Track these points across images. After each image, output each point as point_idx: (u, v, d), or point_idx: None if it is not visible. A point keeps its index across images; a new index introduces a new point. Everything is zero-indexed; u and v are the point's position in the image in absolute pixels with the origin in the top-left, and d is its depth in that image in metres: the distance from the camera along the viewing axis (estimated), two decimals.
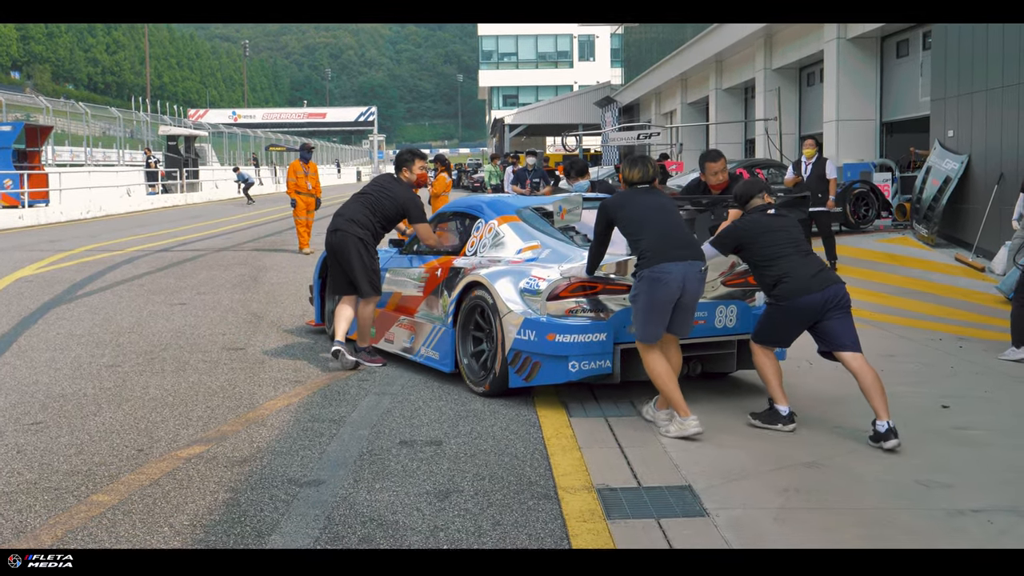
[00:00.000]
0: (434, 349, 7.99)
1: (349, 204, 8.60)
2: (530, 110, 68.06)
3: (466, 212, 8.69)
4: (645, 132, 37.32)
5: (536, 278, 7.04)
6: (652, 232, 6.35)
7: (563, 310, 6.89)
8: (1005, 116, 15.07)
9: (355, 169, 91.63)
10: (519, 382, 7.04)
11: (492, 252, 7.89)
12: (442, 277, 8.09)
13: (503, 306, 7.09)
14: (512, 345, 7.00)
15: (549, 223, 7.93)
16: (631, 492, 5.27)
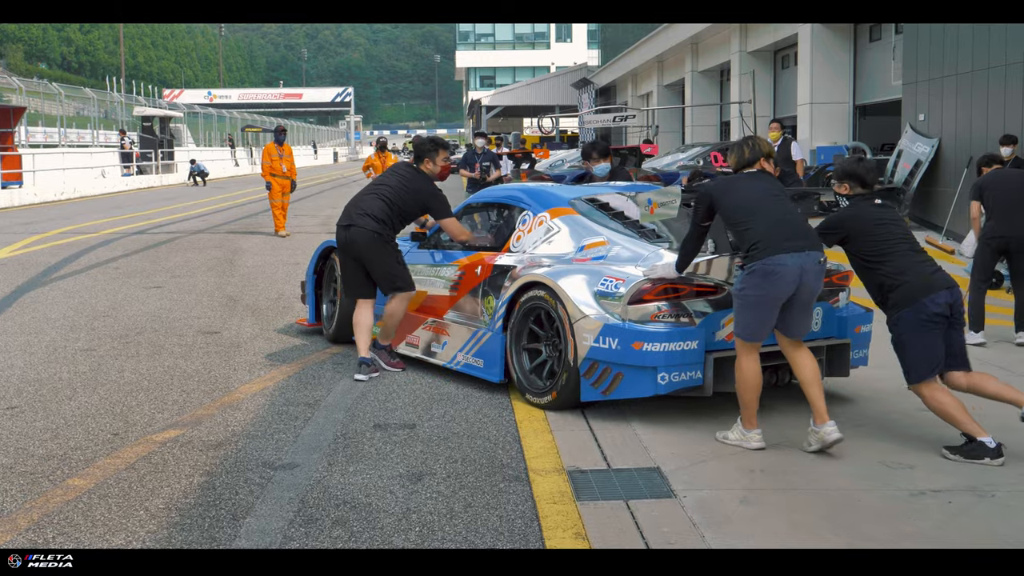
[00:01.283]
0: (476, 356, 7.22)
1: (364, 196, 7.79)
2: (507, 91, 68.04)
3: (503, 203, 7.90)
4: (622, 114, 37.39)
5: (613, 279, 6.29)
6: (764, 220, 5.70)
7: (648, 315, 6.13)
8: (974, 100, 15.23)
9: (332, 150, 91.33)
10: (595, 395, 6.31)
11: (546, 249, 7.09)
12: (483, 276, 7.31)
13: (574, 310, 6.33)
14: (587, 354, 6.25)
15: (607, 216, 7.17)
16: (601, 474, 5.37)
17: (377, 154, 19.29)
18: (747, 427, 5.79)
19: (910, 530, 4.57)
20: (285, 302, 11.23)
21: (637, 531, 4.55)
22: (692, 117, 35.47)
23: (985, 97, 14.95)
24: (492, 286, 7.19)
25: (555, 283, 6.50)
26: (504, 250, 7.43)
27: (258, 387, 7.31)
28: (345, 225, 7.66)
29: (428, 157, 7.80)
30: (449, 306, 7.64)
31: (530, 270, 6.85)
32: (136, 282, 12.86)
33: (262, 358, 8.31)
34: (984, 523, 4.64)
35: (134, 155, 42.83)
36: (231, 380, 7.55)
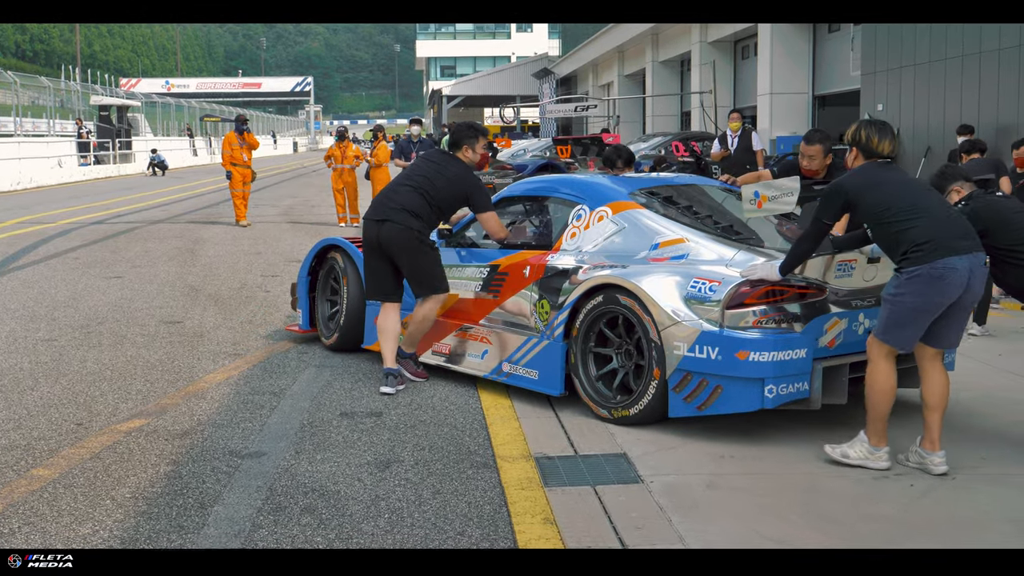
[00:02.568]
0: (529, 367, 6.52)
1: (397, 188, 7.00)
2: (468, 81, 67.96)
3: (545, 197, 7.15)
4: (583, 104, 37.47)
5: (706, 280, 5.65)
6: (930, 218, 5.07)
7: (749, 321, 5.52)
8: (932, 91, 15.41)
9: (292, 140, 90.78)
10: (687, 410, 5.68)
11: (611, 247, 6.39)
12: (533, 277, 6.59)
13: (662, 316, 5.69)
14: (679, 364, 5.62)
15: (675, 210, 6.56)
16: (568, 460, 5.40)
17: (337, 144, 19.20)
18: (876, 443, 5.20)
19: (874, 512, 4.64)
20: (248, 292, 11.17)
21: (605, 516, 4.58)
22: (653, 107, 35.59)
23: (942, 88, 15.13)
24: (546, 289, 6.47)
25: (636, 285, 5.83)
26: (555, 249, 6.67)
27: (223, 376, 7.28)
28: (378, 220, 6.88)
29: (467, 144, 7.05)
30: (487, 311, 6.89)
31: (598, 271, 6.16)
32: (96, 272, 12.74)
33: (226, 347, 8.27)
34: (944, 506, 4.72)
35: (91, 145, 42.35)
36: (195, 370, 7.50)
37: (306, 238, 16.90)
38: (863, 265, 5.91)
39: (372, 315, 7.55)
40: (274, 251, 15.15)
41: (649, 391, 5.79)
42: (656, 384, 5.74)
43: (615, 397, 6.05)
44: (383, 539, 4.35)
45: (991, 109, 14.02)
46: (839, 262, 5.81)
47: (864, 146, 5.32)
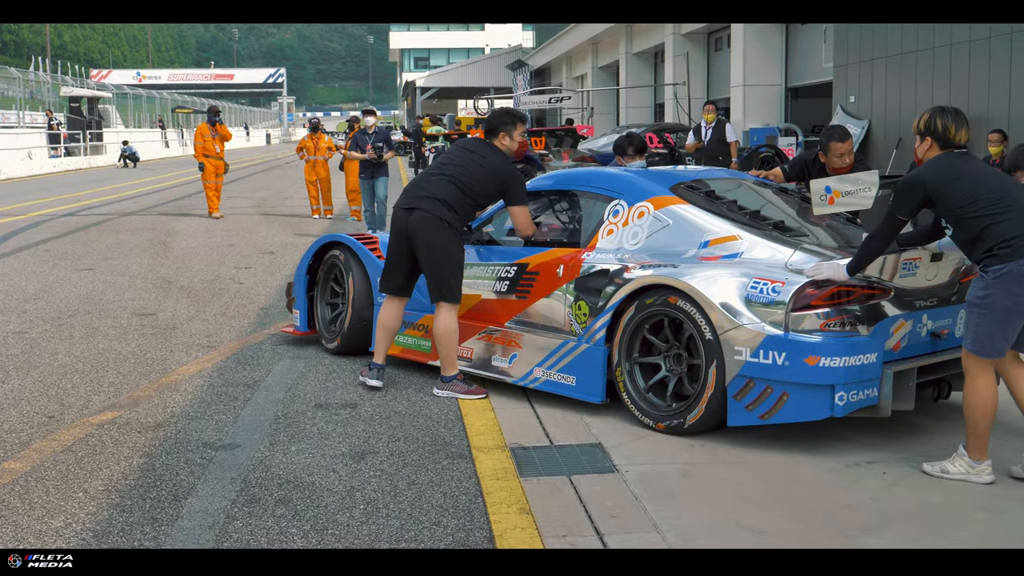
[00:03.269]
0: (565, 372, 6.13)
1: (430, 177, 6.58)
2: (441, 73, 67.81)
3: (578, 191, 6.69)
4: (557, 96, 37.49)
5: (768, 281, 5.28)
6: (1017, 211, 4.75)
7: (816, 324, 5.18)
8: (903, 82, 15.50)
9: (264, 132, 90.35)
10: (749, 419, 5.31)
11: (655, 245, 6.01)
12: (567, 277, 6.19)
13: (721, 319, 5.32)
14: (741, 371, 5.27)
15: (721, 206, 6.15)
16: (543, 450, 5.40)
17: (310, 135, 19.12)
18: (976, 457, 4.90)
19: (848, 500, 4.67)
20: (221, 284, 11.11)
21: (580, 505, 4.59)
22: (627, 99, 35.63)
23: (913, 79, 15.22)
24: (583, 290, 6.06)
25: (691, 286, 5.44)
26: (589, 247, 6.27)
27: (196, 368, 7.24)
28: (407, 208, 6.44)
29: (505, 131, 6.59)
30: (515, 312, 6.48)
31: (644, 271, 5.77)
32: (67, 264, 12.64)
33: (199, 339, 8.22)
34: (917, 493, 4.75)
35: (62, 136, 42.00)
36: (168, 362, 7.46)
37: (279, 230, 16.84)
38: (927, 263, 5.61)
39: None
40: (247, 243, 15.07)
41: (705, 399, 5.41)
42: (713, 392, 5.37)
43: (669, 406, 5.65)
44: (358, 530, 4.34)
45: (962, 101, 14.12)
46: (904, 260, 5.50)
47: (940, 135, 5.02)
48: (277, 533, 4.31)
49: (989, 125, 13.08)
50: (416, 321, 6.93)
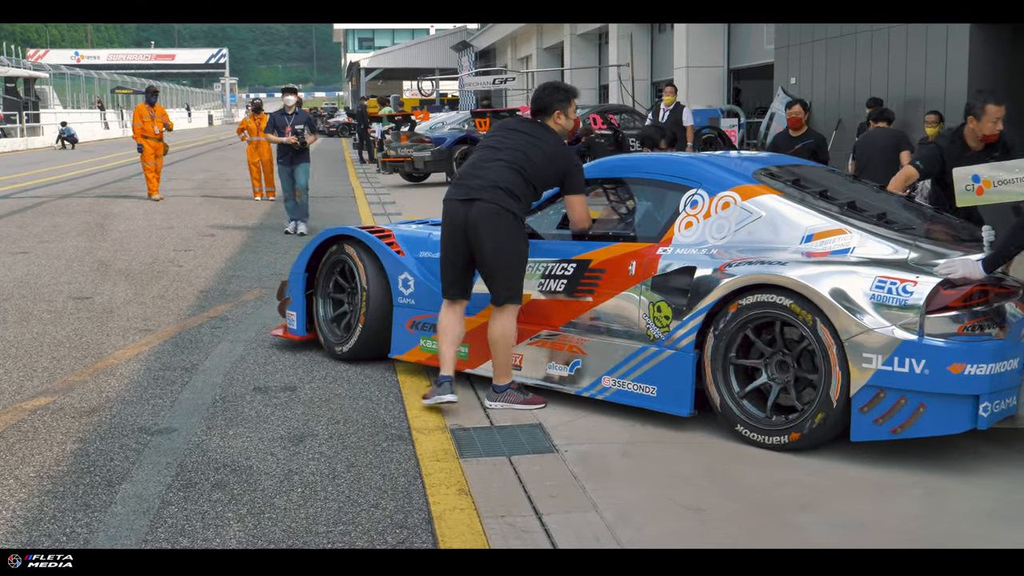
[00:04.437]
0: (642, 381, 5.51)
1: (485, 163, 5.74)
2: (386, 54, 67.36)
3: (641, 180, 6.08)
4: (501, 77, 37.41)
5: (897, 280, 4.76)
6: None
7: (954, 328, 4.68)
8: (843, 64, 15.65)
9: (207, 113, 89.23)
10: (879, 433, 4.78)
11: (747, 239, 5.44)
12: (642, 275, 5.55)
13: (847, 323, 4.76)
14: (871, 380, 4.72)
15: (814, 196, 5.59)
16: (484, 431, 5.39)
17: (252, 116, 18.88)
18: None
19: (784, 477, 4.71)
20: (160, 266, 10.97)
21: (520, 485, 4.59)
22: (571, 80, 35.58)
23: (853, 61, 15.37)
24: (663, 289, 5.45)
25: (807, 285, 4.88)
26: (664, 241, 5.66)
27: (133, 352, 7.14)
28: (465, 199, 5.64)
29: (560, 109, 5.87)
30: (574, 315, 5.82)
31: (744, 268, 5.18)
32: (1, 247, 12.40)
33: (136, 323, 8.10)
34: (855, 470, 4.79)
35: None
36: (104, 346, 7.34)
37: (220, 212, 16.65)
38: None
39: (402, 319, 6.50)
40: (187, 225, 14.89)
41: (821, 412, 4.88)
42: (833, 403, 4.83)
43: (770, 418, 5.11)
44: (295, 513, 4.31)
45: (899, 82, 14.28)
46: None
47: None
48: (213, 518, 4.26)
49: (926, 107, 13.25)
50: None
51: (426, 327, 6.35)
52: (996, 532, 4.12)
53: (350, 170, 28.17)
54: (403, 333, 6.49)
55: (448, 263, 5.77)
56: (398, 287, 6.50)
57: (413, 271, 6.46)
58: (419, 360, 6.42)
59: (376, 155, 27.71)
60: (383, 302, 6.59)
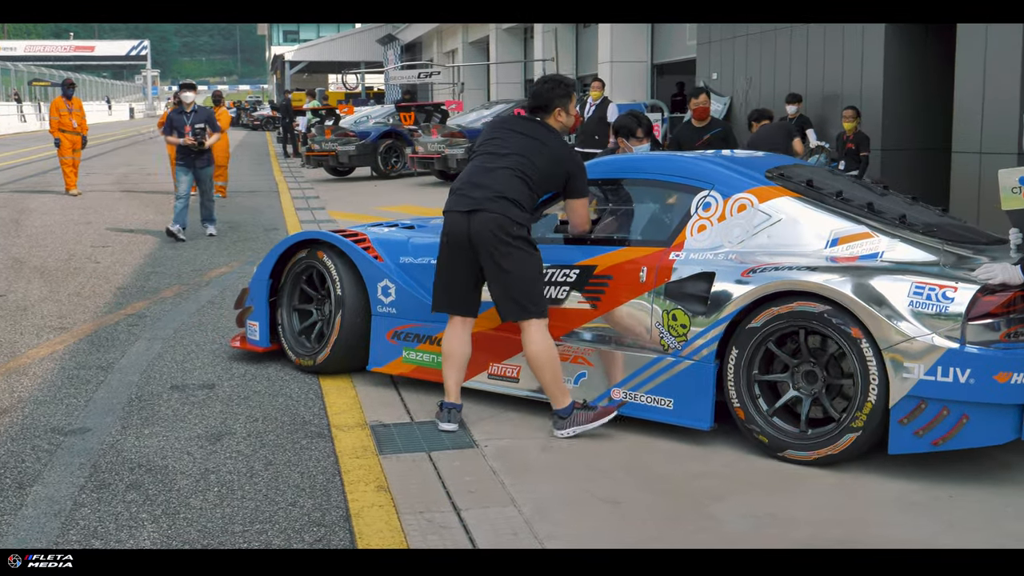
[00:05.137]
0: (658, 394, 5.22)
1: (487, 170, 5.31)
2: (311, 46, 66.70)
3: (646, 181, 5.80)
4: (427, 71, 37.32)
5: (934, 286, 4.56)
6: None
7: (996, 335, 4.51)
8: (763, 60, 15.87)
9: (128, 106, 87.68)
10: (919, 446, 4.58)
11: (767, 243, 5.18)
12: (654, 281, 5.26)
13: (887, 331, 4.54)
14: (912, 391, 4.51)
15: (831, 196, 5.35)
16: (404, 427, 5.39)
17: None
18: None
19: (701, 469, 4.77)
20: (76, 263, 10.76)
21: (439, 481, 4.60)
22: (497, 74, 35.65)
23: (773, 57, 15.59)
24: (678, 296, 5.17)
25: (845, 293, 4.64)
26: (676, 246, 5.35)
27: (47, 351, 7.00)
28: (467, 211, 5.22)
29: (560, 105, 5.45)
30: (578, 324, 5.53)
31: (771, 274, 4.91)
32: None
33: (51, 321, 7.95)
34: (769, 462, 4.84)
35: None
36: (17, 345, 7.19)
37: (141, 208, 16.39)
38: None
39: (382, 329, 6.14)
40: (105, 221, 14.63)
41: (858, 424, 4.65)
42: (870, 415, 4.62)
43: (806, 432, 4.84)
44: (211, 513, 4.27)
45: (817, 78, 14.51)
46: None
47: None
48: (127, 519, 4.21)
49: (843, 102, 13.48)
50: (436, 335, 5.85)
51: (409, 337, 6.03)
52: (901, 518, 4.23)
53: (274, 164, 27.91)
54: (383, 344, 6.13)
55: (453, 279, 5.33)
56: (377, 295, 6.13)
57: (394, 278, 6.08)
58: (402, 372, 6.07)
59: (300, 149, 27.49)
60: (360, 311, 6.20)
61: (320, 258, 6.36)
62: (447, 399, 5.37)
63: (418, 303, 5.94)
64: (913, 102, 13.09)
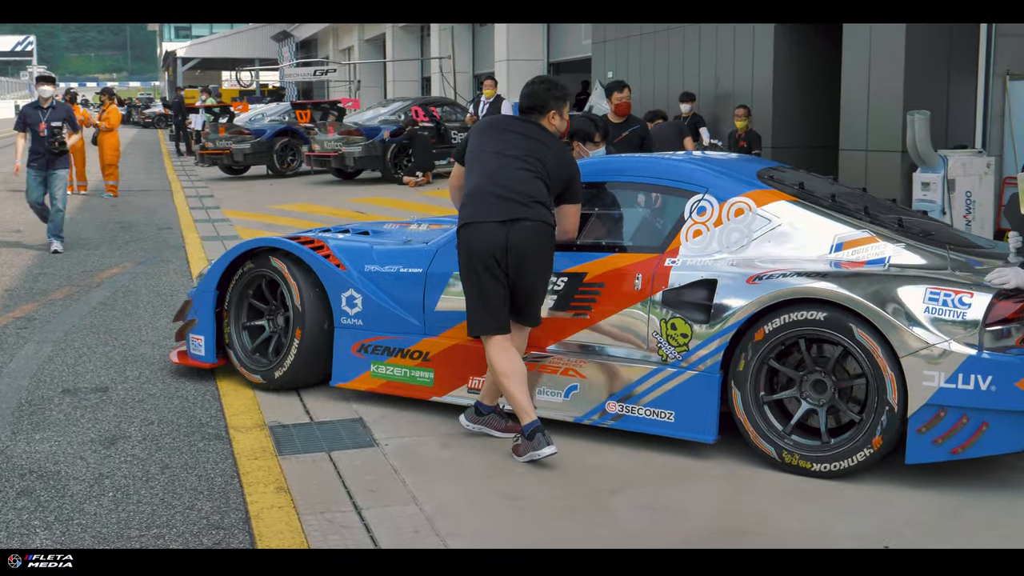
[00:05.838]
0: (658, 406, 5.01)
1: (510, 174, 4.92)
2: (204, 43, 65.64)
3: (635, 184, 5.55)
4: (323, 68, 37.03)
5: (949, 292, 4.47)
6: None
7: (1012, 340, 4.46)
8: (657, 59, 16.11)
9: (12, 103, 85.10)
10: (937, 455, 4.48)
11: (766, 248, 5.00)
12: (650, 289, 5.05)
13: (907, 339, 4.43)
14: (931, 399, 4.41)
15: (826, 199, 5.25)
16: (303, 428, 5.36)
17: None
18: None
19: (598, 462, 4.85)
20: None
21: (339, 481, 4.59)
22: (394, 72, 35.52)
23: (666, 56, 15.84)
24: (678, 305, 4.97)
25: (858, 299, 4.50)
26: (670, 251, 5.15)
27: None
28: (506, 220, 4.84)
29: (556, 108, 5.13)
30: (568, 334, 5.28)
31: (779, 281, 4.72)
32: None
33: None
34: (665, 455, 4.94)
35: None
36: None
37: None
38: None
39: (347, 342, 5.79)
40: None
41: (876, 434, 4.53)
42: (887, 425, 4.50)
43: (828, 442, 4.68)
44: (106, 519, 4.20)
45: (710, 77, 14.79)
46: None
47: None
48: (18, 526, 4.11)
49: (735, 101, 13.76)
50: (408, 347, 5.61)
51: (379, 351, 5.69)
52: (793, 508, 4.35)
53: (167, 163, 27.39)
54: (348, 358, 5.78)
55: (496, 298, 4.90)
56: (341, 306, 5.78)
57: (360, 288, 5.74)
58: (370, 388, 5.73)
59: (194, 147, 27.04)
60: (321, 321, 5.85)
61: (276, 267, 5.96)
62: (528, 420, 4.85)
63: (388, 314, 5.67)
64: (803, 101, 13.43)
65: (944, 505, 4.37)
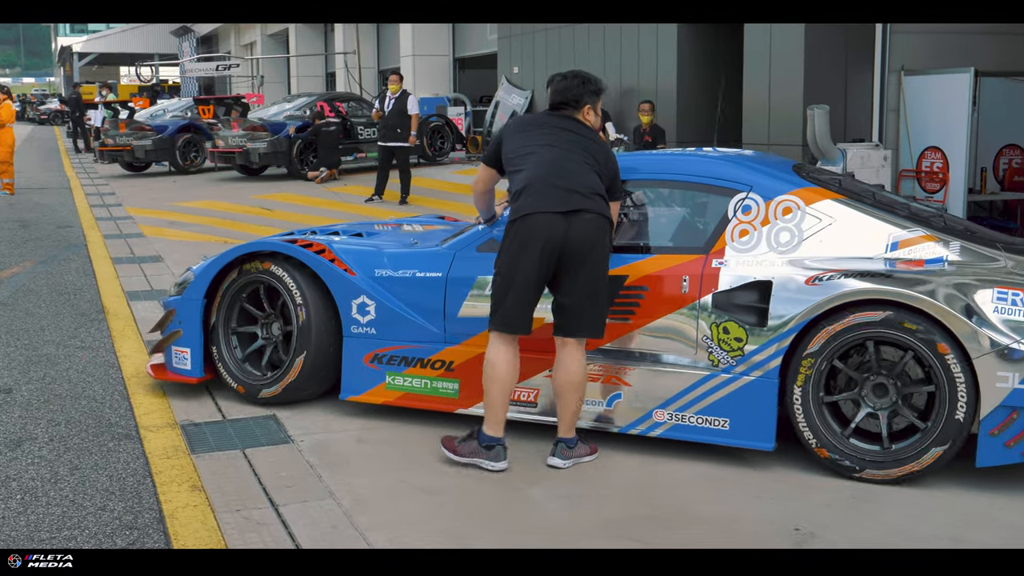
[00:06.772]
0: (711, 414, 4.77)
1: (566, 165, 4.71)
2: (101, 38, 64.20)
3: (671, 182, 5.33)
4: (224, 63, 36.51)
5: (1017, 291, 4.40)
6: None
7: None
8: (562, 55, 16.26)
9: None
10: (1010, 457, 4.37)
11: (819, 247, 4.81)
12: (699, 291, 4.81)
13: (979, 340, 4.32)
14: (1004, 401, 4.31)
15: (869, 197, 5.16)
16: (216, 426, 5.30)
17: None
18: None
19: (517, 455, 4.86)
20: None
21: (255, 478, 4.56)
22: (298, 67, 35.19)
23: (572, 51, 15.99)
24: (730, 307, 4.75)
25: (931, 300, 4.37)
26: (716, 252, 4.92)
27: None
28: (568, 211, 4.61)
29: (590, 103, 4.92)
30: (612, 338, 4.97)
31: (843, 282, 4.54)
32: None
33: None
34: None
35: None
36: None
37: None
38: None
39: (358, 352, 5.45)
40: None
41: (944, 438, 4.41)
42: (956, 427, 4.39)
43: (888, 448, 4.55)
44: (15, 521, 4.11)
45: (615, 72, 14.96)
46: None
47: None
48: None
49: (639, 96, 13.95)
50: (429, 357, 5.31)
51: (395, 361, 5.37)
52: (708, 494, 4.45)
53: (64, 160, 26.76)
54: (360, 369, 5.44)
55: (530, 290, 4.65)
56: (351, 314, 5.43)
57: (373, 294, 5.39)
58: (386, 401, 5.40)
59: (93, 144, 26.46)
60: (329, 331, 5.49)
61: (275, 273, 5.58)
62: (493, 433, 4.70)
63: (404, 321, 5.34)
64: (707, 96, 13.67)
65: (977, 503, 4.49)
